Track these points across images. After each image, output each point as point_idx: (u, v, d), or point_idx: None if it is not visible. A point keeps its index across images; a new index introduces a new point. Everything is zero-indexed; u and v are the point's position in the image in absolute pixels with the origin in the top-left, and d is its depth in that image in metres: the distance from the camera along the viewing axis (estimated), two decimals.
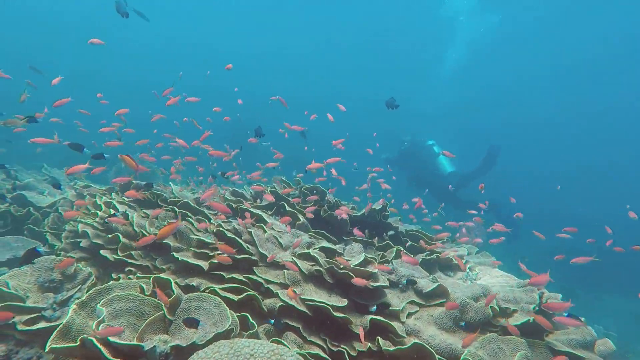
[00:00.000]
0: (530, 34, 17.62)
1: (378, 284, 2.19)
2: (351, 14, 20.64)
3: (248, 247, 2.41)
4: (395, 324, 2.04)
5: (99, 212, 2.69)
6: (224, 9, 22.06)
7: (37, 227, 3.10)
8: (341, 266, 2.22)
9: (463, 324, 1.94)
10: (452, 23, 17.20)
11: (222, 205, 2.41)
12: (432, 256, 2.88)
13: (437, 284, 2.27)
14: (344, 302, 2.08)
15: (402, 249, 2.94)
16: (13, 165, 4.01)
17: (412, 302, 2.28)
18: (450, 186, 6.64)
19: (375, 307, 2.10)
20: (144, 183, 3.05)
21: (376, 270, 2.29)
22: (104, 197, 2.82)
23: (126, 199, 2.82)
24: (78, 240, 2.64)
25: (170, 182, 3.19)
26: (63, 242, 2.70)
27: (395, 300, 2.27)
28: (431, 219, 4.70)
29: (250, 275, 2.21)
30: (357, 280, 2.09)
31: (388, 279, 2.37)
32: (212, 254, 2.29)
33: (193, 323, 1.68)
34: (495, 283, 2.55)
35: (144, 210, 2.73)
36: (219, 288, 2.08)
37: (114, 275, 2.28)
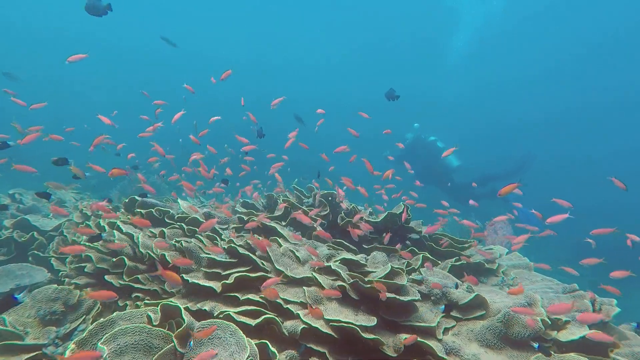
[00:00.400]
0: (536, 19, 17.17)
1: (409, 297, 1.98)
2: (353, 14, 20.50)
3: (263, 264, 2.22)
4: (431, 342, 1.81)
5: (104, 234, 2.53)
6: (227, 11, 22.09)
7: (42, 253, 2.96)
8: (366, 279, 2.01)
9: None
10: (456, 8, 16.86)
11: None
12: (462, 262, 2.65)
13: (474, 294, 2.04)
14: (372, 320, 1.87)
15: (428, 255, 2.72)
16: (17, 188, 3.92)
17: (447, 316, 2.05)
18: (474, 184, 6.37)
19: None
20: (139, 194, 2.90)
21: (405, 282, 2.07)
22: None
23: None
24: (83, 265, 2.48)
25: (178, 200, 3.03)
26: (68, 267, 2.55)
27: (429, 314, 2.04)
28: (460, 219, 4.42)
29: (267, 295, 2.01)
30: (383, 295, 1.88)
31: (418, 290, 2.15)
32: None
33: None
34: (537, 289, 2.30)
35: (151, 230, 2.56)
36: (234, 312, 1.89)
37: (120, 303, 2.11)
